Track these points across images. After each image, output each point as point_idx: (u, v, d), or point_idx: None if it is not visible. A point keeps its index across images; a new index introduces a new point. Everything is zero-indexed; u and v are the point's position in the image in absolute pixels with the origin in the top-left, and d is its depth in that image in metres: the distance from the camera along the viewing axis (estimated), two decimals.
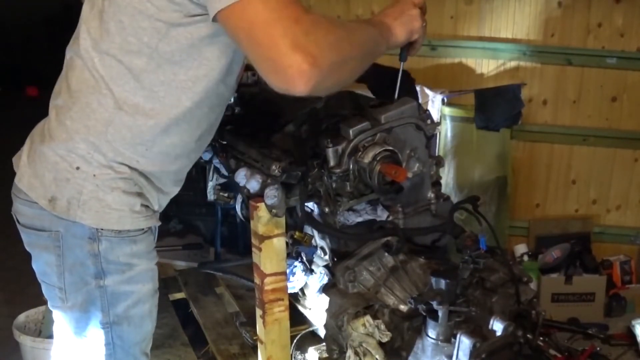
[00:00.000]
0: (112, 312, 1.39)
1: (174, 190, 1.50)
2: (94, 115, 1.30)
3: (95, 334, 1.40)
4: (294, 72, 1.10)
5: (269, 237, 1.52)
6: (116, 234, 1.34)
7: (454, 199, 1.92)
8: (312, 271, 1.76)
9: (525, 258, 3.33)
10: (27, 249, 1.44)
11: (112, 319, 1.39)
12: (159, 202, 1.44)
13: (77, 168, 1.31)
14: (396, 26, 1.40)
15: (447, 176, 3.25)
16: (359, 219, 1.66)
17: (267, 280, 1.54)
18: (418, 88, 3.02)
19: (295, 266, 1.74)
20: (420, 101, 2.98)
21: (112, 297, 1.37)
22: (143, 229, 1.38)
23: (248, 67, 1.70)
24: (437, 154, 2.32)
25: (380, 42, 1.35)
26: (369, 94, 1.83)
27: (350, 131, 1.52)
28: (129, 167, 1.34)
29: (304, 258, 1.75)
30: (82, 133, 1.31)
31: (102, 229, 1.33)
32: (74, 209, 1.31)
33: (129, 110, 1.30)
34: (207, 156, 1.92)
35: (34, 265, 1.44)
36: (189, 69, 1.29)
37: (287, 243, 1.60)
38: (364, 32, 1.31)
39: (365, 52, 1.28)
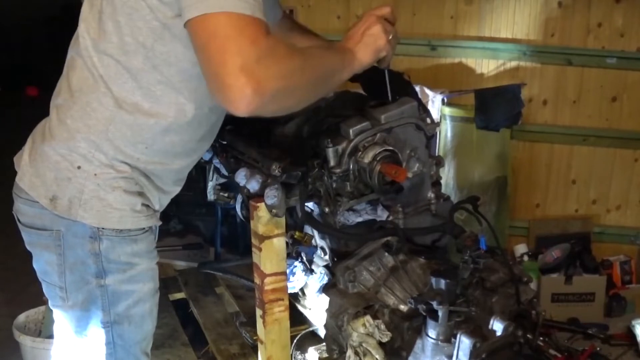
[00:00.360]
0: (113, 311, 1.39)
1: (175, 190, 1.50)
2: (94, 114, 1.31)
3: (96, 333, 1.40)
4: (236, 94, 1.11)
5: (269, 237, 1.52)
6: (117, 233, 1.34)
7: (454, 199, 1.92)
8: (312, 271, 1.76)
9: (525, 258, 3.33)
10: (28, 248, 1.44)
11: (112, 318, 1.39)
12: (160, 202, 1.45)
13: (79, 167, 1.31)
14: (359, 50, 1.38)
15: (447, 176, 3.25)
16: (359, 219, 1.66)
17: (267, 280, 1.54)
18: (418, 88, 3.03)
19: (295, 266, 1.74)
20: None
21: (112, 296, 1.38)
22: (144, 228, 1.39)
23: None
24: (437, 154, 2.32)
25: (341, 69, 1.34)
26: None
27: (350, 131, 1.52)
28: (130, 165, 1.34)
29: (304, 258, 1.75)
30: (83, 132, 1.31)
31: (103, 228, 1.33)
32: (75, 208, 1.32)
33: (129, 109, 1.30)
34: (207, 156, 1.92)
35: (35, 265, 1.44)
36: (185, 70, 1.29)
37: (287, 243, 1.60)
38: (324, 61, 1.31)
39: (319, 81, 1.28)
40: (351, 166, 1.52)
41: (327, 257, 1.71)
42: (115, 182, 1.32)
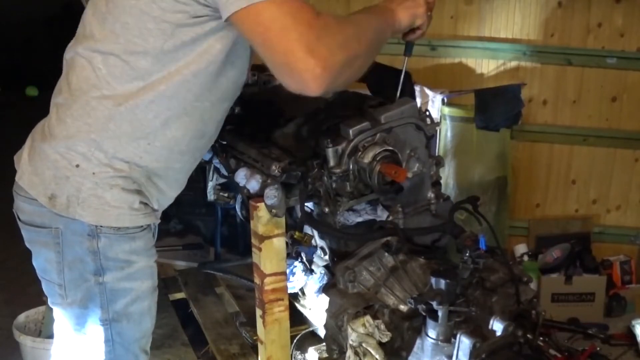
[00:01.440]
0: (111, 309, 1.39)
1: (174, 193, 1.50)
2: (94, 113, 1.31)
3: (95, 331, 1.41)
4: (309, 76, 1.16)
5: (269, 237, 1.52)
6: (115, 231, 1.34)
7: (454, 199, 1.92)
8: (312, 271, 1.76)
9: (525, 258, 3.33)
10: (28, 245, 1.44)
11: (111, 315, 1.40)
12: (159, 202, 1.45)
13: (77, 166, 1.32)
14: (400, 10, 1.44)
15: (447, 176, 3.24)
16: (359, 219, 1.66)
17: (267, 280, 1.54)
18: (418, 88, 3.03)
19: (295, 266, 1.74)
20: (420, 101, 2.99)
21: (111, 293, 1.38)
22: (142, 226, 1.39)
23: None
24: (437, 154, 2.32)
25: (385, 29, 1.40)
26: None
27: (350, 131, 1.52)
28: (129, 164, 1.34)
29: (304, 258, 1.75)
30: (83, 131, 1.31)
31: (101, 226, 1.33)
32: (74, 207, 1.32)
33: (128, 105, 1.31)
34: (207, 156, 1.92)
35: (34, 262, 1.44)
36: (191, 63, 1.31)
37: (287, 243, 1.60)
38: (371, 25, 1.35)
39: (372, 45, 1.33)
40: (351, 166, 1.52)
41: (327, 257, 1.71)
42: (112, 181, 1.33)
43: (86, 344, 1.43)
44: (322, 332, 1.69)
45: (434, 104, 3.09)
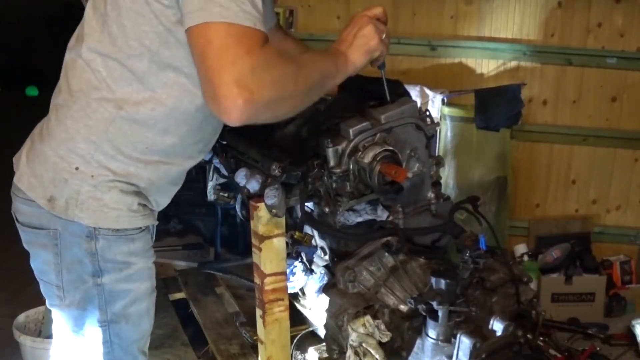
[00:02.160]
0: (110, 310, 1.39)
1: (173, 189, 1.50)
2: (94, 115, 1.31)
3: (93, 332, 1.41)
4: (229, 104, 1.13)
5: (269, 237, 1.52)
6: (114, 233, 1.34)
7: (454, 199, 1.92)
8: (312, 271, 1.76)
9: (525, 258, 3.33)
10: (26, 247, 1.44)
11: (109, 317, 1.39)
12: (157, 201, 1.45)
13: (76, 168, 1.31)
14: (352, 52, 1.39)
15: (447, 176, 3.25)
16: (359, 219, 1.66)
17: (267, 280, 1.54)
18: (418, 88, 3.04)
19: (295, 266, 1.74)
20: (420, 101, 2.99)
21: (109, 295, 1.38)
22: (140, 228, 1.39)
23: None
24: (437, 154, 2.32)
25: (334, 74, 1.35)
26: None
27: (350, 131, 1.52)
28: (128, 166, 1.34)
29: (304, 258, 1.75)
30: (82, 133, 1.31)
31: (99, 228, 1.33)
32: (72, 209, 1.32)
33: (129, 110, 1.30)
34: (207, 156, 1.92)
35: (33, 264, 1.44)
36: (189, 74, 1.30)
37: (287, 243, 1.60)
38: (316, 67, 1.32)
39: (312, 88, 1.29)
40: (351, 166, 1.52)
41: (327, 257, 1.71)
42: (111, 183, 1.33)
43: (84, 346, 1.42)
44: (322, 332, 1.69)
45: (434, 104, 3.09)
